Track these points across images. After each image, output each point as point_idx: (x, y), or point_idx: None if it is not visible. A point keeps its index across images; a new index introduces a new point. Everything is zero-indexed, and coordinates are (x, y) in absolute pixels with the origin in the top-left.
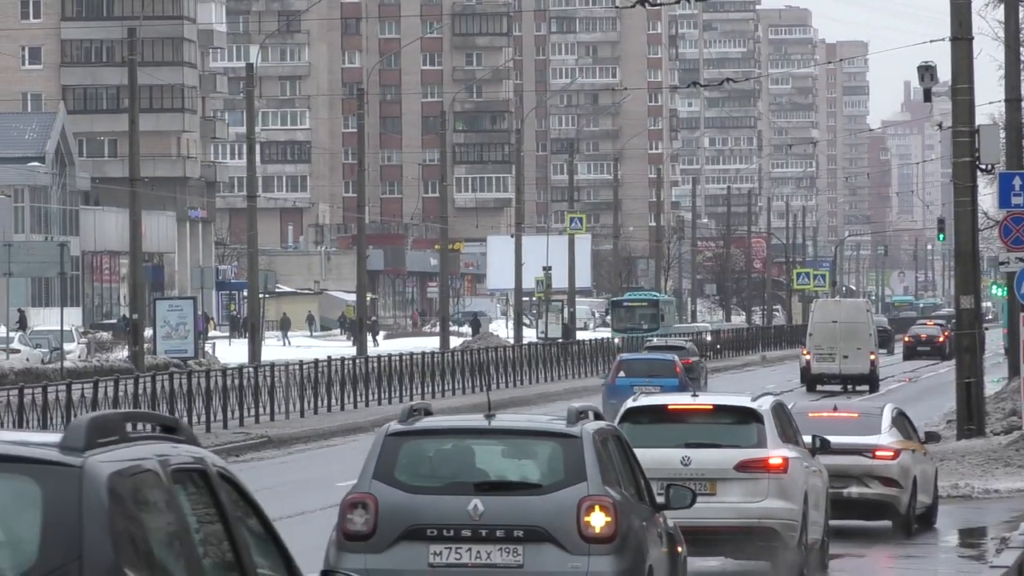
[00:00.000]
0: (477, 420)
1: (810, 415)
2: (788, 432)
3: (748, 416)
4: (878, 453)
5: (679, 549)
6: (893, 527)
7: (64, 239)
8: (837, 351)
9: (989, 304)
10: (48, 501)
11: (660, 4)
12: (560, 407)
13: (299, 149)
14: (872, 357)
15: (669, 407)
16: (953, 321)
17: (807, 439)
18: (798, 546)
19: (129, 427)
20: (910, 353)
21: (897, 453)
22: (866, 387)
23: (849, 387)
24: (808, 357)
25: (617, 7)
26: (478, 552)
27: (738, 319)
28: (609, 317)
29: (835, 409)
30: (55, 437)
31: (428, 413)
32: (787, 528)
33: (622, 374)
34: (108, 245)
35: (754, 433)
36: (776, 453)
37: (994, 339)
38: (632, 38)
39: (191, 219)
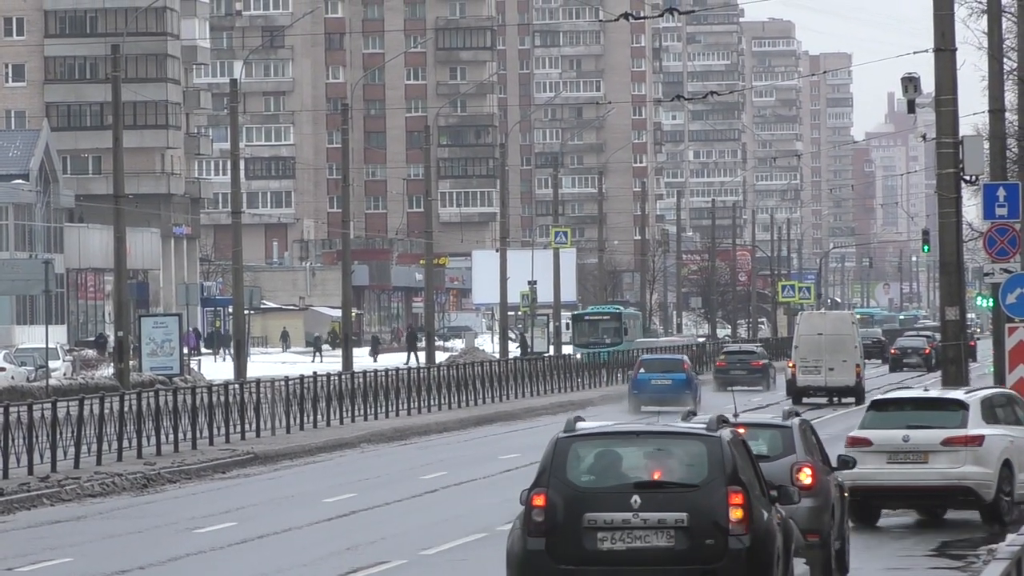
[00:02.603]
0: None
1: None
2: (997, 415)
3: (957, 405)
4: None
5: (845, 494)
6: None
7: (48, 257)
8: (823, 363)
9: (973, 315)
10: (708, 451)
11: (644, 17)
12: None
13: (283, 165)
14: (857, 369)
15: (901, 399)
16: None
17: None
18: (996, 500)
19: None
20: (896, 365)
21: None
22: (852, 399)
23: (835, 399)
24: (793, 369)
25: (601, 20)
26: None
27: (723, 332)
28: (571, 332)
29: None
30: (703, 425)
31: (695, 415)
32: (981, 487)
33: (643, 370)
34: (93, 262)
35: (959, 417)
36: (974, 432)
37: (985, 349)
38: (616, 51)
39: (176, 236)
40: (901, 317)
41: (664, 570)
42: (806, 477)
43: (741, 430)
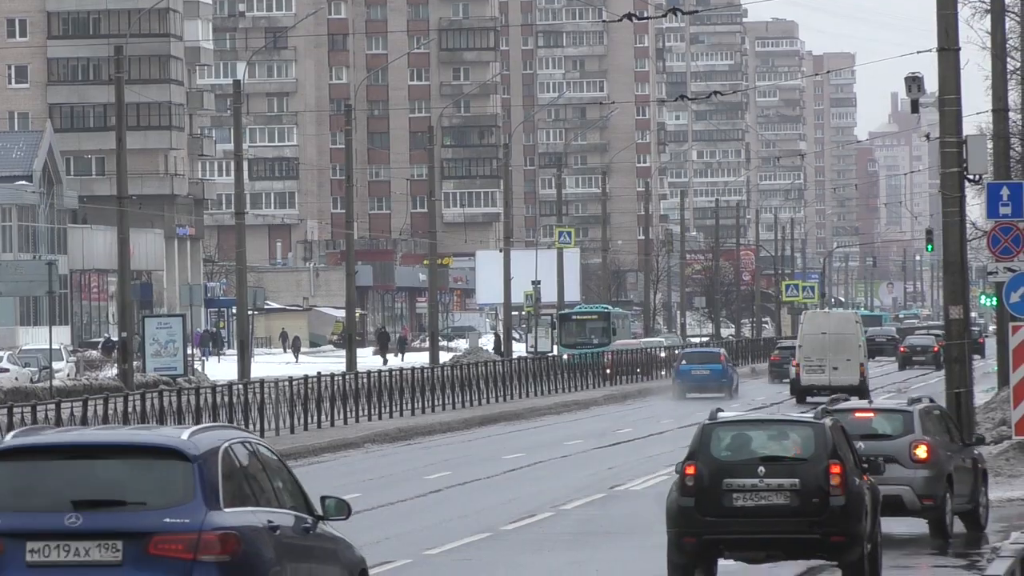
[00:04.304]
0: (855, 403)
1: None
2: None
3: None
4: None
5: (980, 466)
6: None
7: (52, 258)
8: (827, 362)
9: (975, 314)
10: (815, 434)
11: (647, 18)
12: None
13: (287, 165)
14: (861, 368)
15: None
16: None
17: None
18: None
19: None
20: (905, 363)
21: None
22: (856, 398)
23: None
24: (798, 369)
25: (604, 21)
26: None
27: (727, 331)
28: (557, 332)
29: None
30: (811, 415)
31: (829, 413)
32: None
33: (684, 362)
34: (96, 263)
35: None
36: None
37: (993, 347)
38: (619, 52)
39: (179, 236)
40: (900, 316)
41: (782, 521)
42: (922, 452)
43: (867, 413)
